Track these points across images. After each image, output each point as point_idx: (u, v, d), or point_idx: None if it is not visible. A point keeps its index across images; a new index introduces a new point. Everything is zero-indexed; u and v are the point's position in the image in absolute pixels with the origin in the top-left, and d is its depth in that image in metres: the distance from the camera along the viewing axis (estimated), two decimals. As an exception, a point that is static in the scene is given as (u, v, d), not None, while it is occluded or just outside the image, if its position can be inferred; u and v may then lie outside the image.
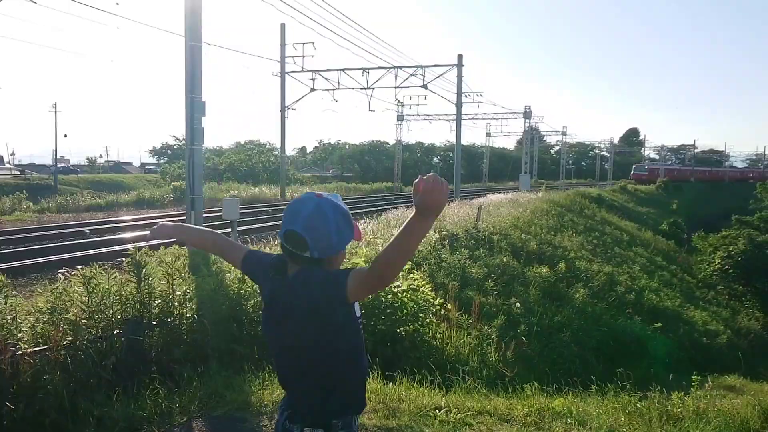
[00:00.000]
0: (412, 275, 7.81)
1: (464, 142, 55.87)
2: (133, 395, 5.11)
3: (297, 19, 56.91)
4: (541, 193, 36.08)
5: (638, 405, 5.32)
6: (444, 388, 5.70)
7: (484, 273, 12.89)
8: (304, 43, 35.31)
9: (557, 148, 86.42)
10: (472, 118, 53.28)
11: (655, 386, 6.38)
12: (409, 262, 11.07)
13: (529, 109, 49.43)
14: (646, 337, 14.00)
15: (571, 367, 10.13)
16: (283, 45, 35.68)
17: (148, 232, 2.75)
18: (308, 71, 35.98)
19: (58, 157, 65.08)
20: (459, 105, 36.56)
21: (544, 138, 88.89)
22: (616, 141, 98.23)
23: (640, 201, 58.64)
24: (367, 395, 5.09)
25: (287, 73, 36.17)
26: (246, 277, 7.13)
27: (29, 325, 5.17)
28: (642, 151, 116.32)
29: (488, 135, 71.96)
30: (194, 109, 13.48)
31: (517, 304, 11.29)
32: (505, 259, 14.77)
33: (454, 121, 38.72)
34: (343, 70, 35.73)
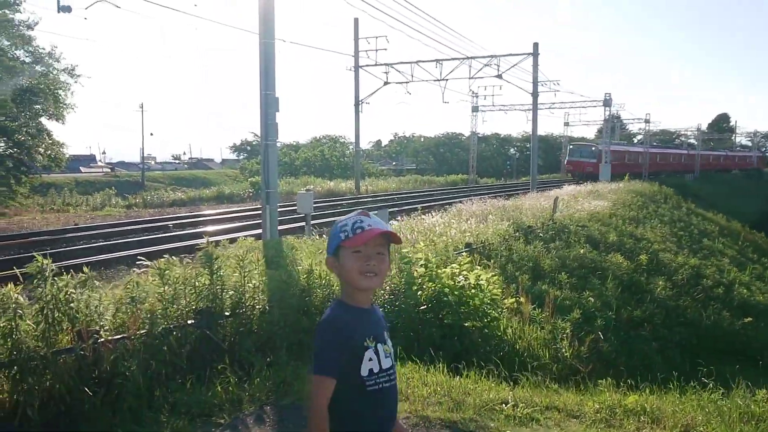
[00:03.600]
0: (476, 271, 7.66)
1: (541, 132, 54.57)
2: (205, 383, 5.27)
3: (368, 13, 57.17)
4: (622, 183, 34.89)
5: (718, 403, 5.04)
6: (512, 383, 5.59)
7: (558, 265, 12.58)
8: (377, 37, 35.48)
9: (640, 136, 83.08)
10: (549, 108, 52.01)
11: (742, 385, 6.04)
12: (477, 255, 10.96)
13: (609, 96, 47.60)
14: (735, 333, 13.30)
15: (651, 364, 9.75)
16: (356, 39, 35.95)
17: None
18: (381, 65, 36.11)
19: (146, 155, 68.14)
20: (535, 94, 35.77)
21: (626, 126, 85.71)
22: (704, 128, 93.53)
23: (732, 190, 55.77)
24: (432, 388, 5.08)
25: (361, 67, 36.41)
26: (315, 269, 7.27)
27: (110, 314, 5.41)
28: (733, 137, 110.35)
29: (566, 124, 70.09)
30: (268, 105, 13.75)
31: (592, 298, 10.93)
32: (581, 252, 14.36)
33: (530, 111, 37.93)
34: (416, 62, 35.68)
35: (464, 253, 9.76)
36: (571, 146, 55.49)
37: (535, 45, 34.64)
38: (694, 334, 12.32)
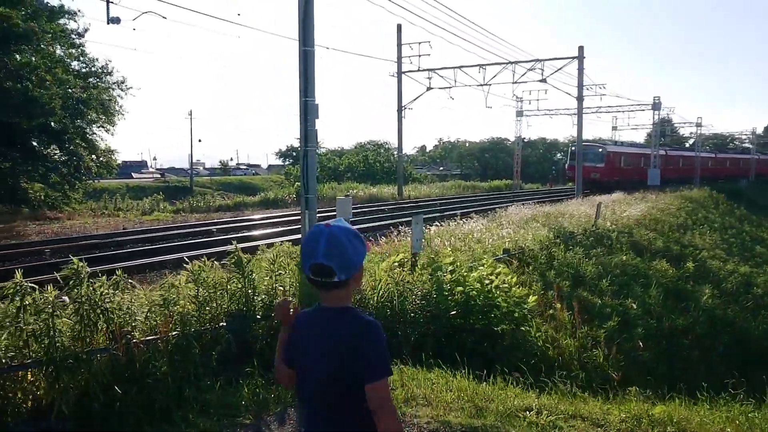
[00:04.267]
0: (499, 271, 7.61)
1: (588, 136, 53.53)
2: (234, 384, 5.38)
3: (408, 20, 57.37)
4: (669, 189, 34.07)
5: (749, 415, 4.88)
6: (538, 390, 5.52)
7: (599, 272, 12.35)
8: (420, 43, 35.53)
9: (692, 140, 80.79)
10: (596, 112, 50.98)
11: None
12: (515, 261, 10.86)
13: (659, 100, 46.47)
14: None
15: (693, 373, 9.48)
16: (399, 45, 36.08)
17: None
18: (424, 70, 36.12)
19: (195, 160, 69.73)
20: (580, 98, 35.20)
21: (677, 130, 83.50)
22: (759, 131, 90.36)
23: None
24: (456, 393, 5.07)
25: (404, 72, 36.51)
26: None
27: (143, 316, 5.58)
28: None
29: (614, 128, 68.58)
30: (308, 111, 13.94)
31: (634, 305, 10.70)
32: (624, 258, 14.09)
33: (576, 116, 37.34)
34: (459, 67, 35.53)
35: (492, 259, 9.68)
36: (572, 148, 42.65)
37: (580, 48, 34.13)
38: (742, 344, 11.93)
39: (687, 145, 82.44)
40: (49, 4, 29.20)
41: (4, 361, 4.28)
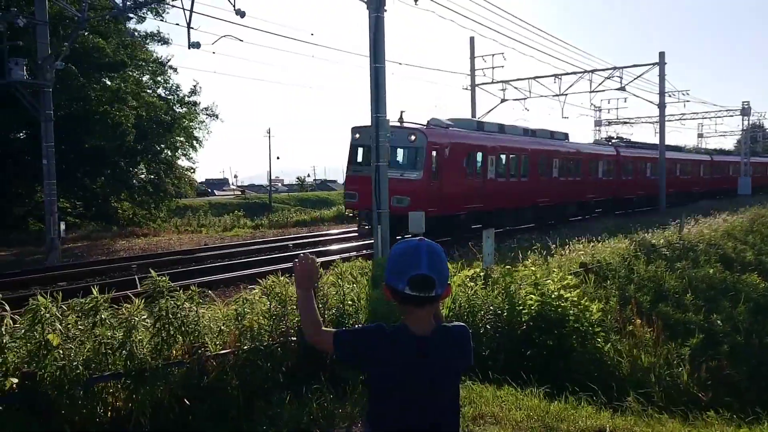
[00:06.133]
0: (567, 283, 7.39)
1: (671, 143, 51.59)
2: (302, 399, 5.45)
3: (480, 33, 57.11)
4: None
5: None
6: (613, 409, 5.31)
7: (683, 286, 11.81)
8: (493, 55, 35.24)
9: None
10: (679, 119, 49.15)
11: None
12: (592, 274, 10.55)
13: (748, 104, 44.27)
14: None
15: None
16: (472, 58, 35.94)
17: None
18: (498, 82, 35.79)
19: (274, 177, 71.62)
20: (662, 106, 34.01)
21: (770, 135, 79.22)
22: None
23: None
24: (526, 412, 4.94)
25: (477, 85, 36.32)
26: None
27: (216, 330, 5.75)
28: None
29: (700, 136, 65.85)
30: (379, 127, 14.14)
31: (719, 321, 10.15)
32: (711, 272, 13.42)
33: (658, 124, 36.05)
34: (534, 78, 35.04)
35: (568, 274, 9.42)
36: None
37: (661, 54, 33.03)
38: None
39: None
40: (138, 33, 30.87)
41: (85, 373, 4.49)
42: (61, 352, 4.44)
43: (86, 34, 24.69)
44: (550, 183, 24.88)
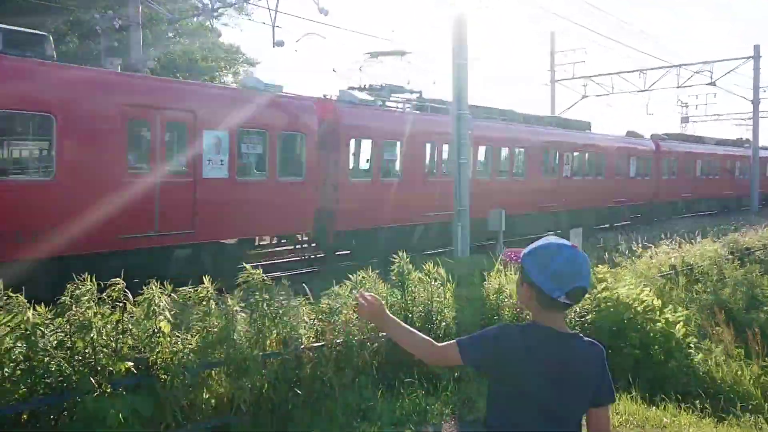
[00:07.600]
0: (647, 291, 7.15)
1: (766, 142, 49.02)
2: (394, 394, 5.53)
3: (561, 27, 55.86)
4: None
5: None
6: (716, 419, 5.12)
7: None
8: (574, 50, 34.48)
9: None
10: (776, 115, 46.52)
11: None
12: (683, 278, 10.21)
13: None
14: None
15: None
16: (552, 53, 35.30)
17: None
18: (579, 78, 34.96)
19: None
20: (756, 101, 32.34)
21: None
22: None
23: None
24: (624, 417, 4.85)
25: (557, 81, 35.61)
26: (505, 287, 7.27)
27: (310, 324, 5.90)
28: None
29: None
30: (461, 124, 14.08)
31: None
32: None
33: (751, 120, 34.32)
34: (617, 73, 34.06)
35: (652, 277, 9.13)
36: None
37: (756, 47, 31.41)
38: None
39: None
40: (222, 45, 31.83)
41: (194, 360, 4.72)
42: (171, 339, 4.68)
43: (174, 36, 25.70)
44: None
